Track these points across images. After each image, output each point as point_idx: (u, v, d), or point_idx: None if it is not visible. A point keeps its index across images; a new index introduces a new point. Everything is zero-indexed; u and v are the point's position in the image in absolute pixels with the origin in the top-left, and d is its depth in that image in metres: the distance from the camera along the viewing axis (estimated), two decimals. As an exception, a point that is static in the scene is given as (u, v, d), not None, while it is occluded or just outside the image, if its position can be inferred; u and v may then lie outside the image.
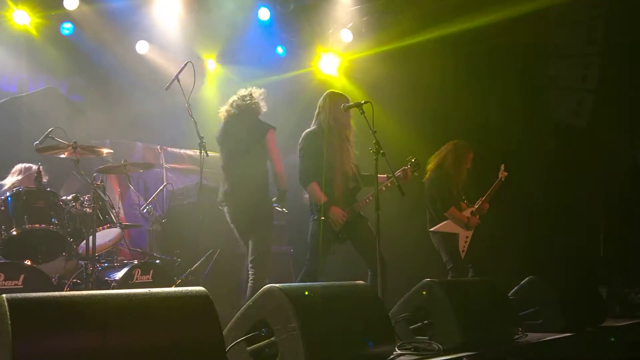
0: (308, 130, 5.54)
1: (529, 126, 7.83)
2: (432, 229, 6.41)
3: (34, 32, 7.91)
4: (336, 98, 5.51)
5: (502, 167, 6.64)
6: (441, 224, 6.36)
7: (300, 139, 5.52)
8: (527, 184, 7.35)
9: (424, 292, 4.27)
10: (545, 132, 7.84)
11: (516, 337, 4.63)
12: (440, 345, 4.00)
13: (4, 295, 2.38)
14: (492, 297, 4.67)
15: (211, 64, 9.48)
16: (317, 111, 5.59)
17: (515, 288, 5.37)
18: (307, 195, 5.52)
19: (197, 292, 2.89)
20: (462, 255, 6.34)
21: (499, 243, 7.21)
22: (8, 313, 2.29)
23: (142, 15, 8.36)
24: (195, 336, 2.71)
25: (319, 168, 5.38)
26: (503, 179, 6.60)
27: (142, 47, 8.83)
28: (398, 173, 5.41)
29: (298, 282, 5.30)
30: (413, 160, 5.57)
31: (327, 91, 5.61)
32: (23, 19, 7.70)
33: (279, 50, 9.64)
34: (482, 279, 5.60)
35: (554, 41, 7.93)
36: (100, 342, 2.41)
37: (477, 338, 4.15)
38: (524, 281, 5.37)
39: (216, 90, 9.72)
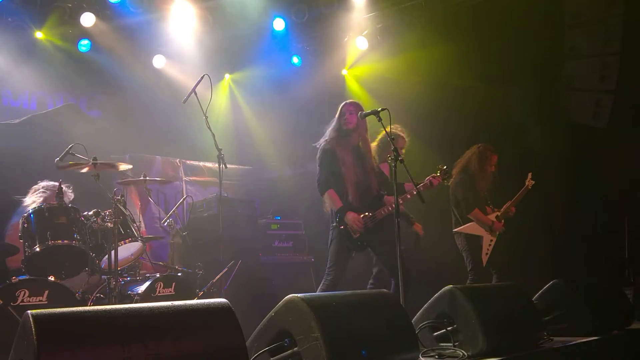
0: (326, 139, 5.56)
1: (549, 128, 7.76)
2: (455, 230, 6.45)
3: (52, 49, 8.03)
4: (350, 106, 5.52)
5: (530, 175, 6.71)
6: (465, 225, 6.45)
7: (319, 149, 5.55)
8: (549, 187, 7.29)
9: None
10: (566, 133, 7.77)
11: (542, 341, 4.57)
12: (464, 352, 3.96)
13: (28, 311, 2.40)
14: (517, 302, 4.61)
15: (227, 76, 9.54)
16: (334, 120, 5.61)
17: (540, 292, 5.30)
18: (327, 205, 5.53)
19: (219, 303, 2.88)
20: (486, 258, 6.38)
21: (522, 247, 7.15)
22: (33, 329, 2.31)
23: (158, 30, 8.44)
24: (218, 348, 2.71)
25: (336, 176, 5.40)
26: (530, 187, 6.65)
27: (159, 62, 8.92)
28: (426, 181, 5.45)
29: (319, 291, 5.30)
30: (444, 168, 5.58)
31: (344, 102, 5.63)
32: (41, 36, 7.82)
33: (295, 60, 9.67)
34: (506, 284, 5.54)
35: (571, 42, 7.87)
36: (124, 356, 2.42)
37: (502, 344, 4.10)
38: (548, 285, 5.30)
39: (233, 102, 9.78)
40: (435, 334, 4.24)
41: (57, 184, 5.72)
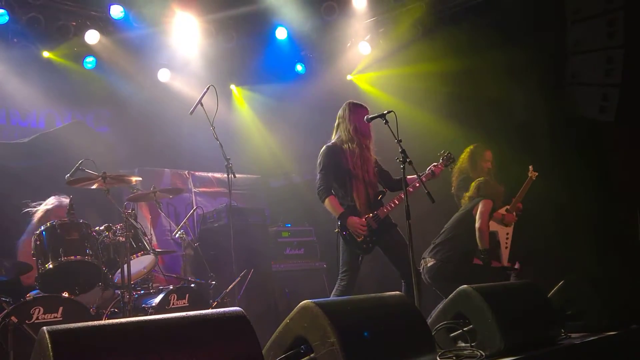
0: (327, 144, 5.53)
1: (556, 124, 7.74)
2: None
3: (58, 68, 8.09)
4: (355, 108, 5.51)
5: (531, 167, 6.69)
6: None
7: (319, 154, 5.51)
8: (558, 183, 7.26)
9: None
10: (572, 128, 7.73)
11: (559, 339, 4.54)
12: (482, 352, 3.93)
13: (44, 327, 2.40)
14: (532, 300, 4.57)
15: (233, 87, 9.57)
16: (336, 122, 5.59)
17: (555, 289, 5.26)
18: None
19: (234, 312, 2.87)
20: (506, 252, 6.38)
21: (534, 244, 7.11)
22: (49, 345, 2.31)
23: (161, 44, 8.49)
24: (234, 357, 2.70)
25: (338, 181, 5.38)
26: (534, 178, 6.63)
27: (164, 75, 8.95)
28: (428, 171, 5.42)
29: (333, 296, 5.28)
30: (446, 155, 5.55)
31: (346, 102, 5.61)
32: (47, 55, 7.89)
33: (299, 68, 9.69)
34: (521, 282, 5.52)
35: (574, 37, 7.84)
36: (141, 368, 2.42)
37: (520, 342, 4.07)
38: (563, 281, 5.26)
39: (239, 111, 9.81)
40: (452, 335, 4.22)
41: (67, 199, 5.74)
